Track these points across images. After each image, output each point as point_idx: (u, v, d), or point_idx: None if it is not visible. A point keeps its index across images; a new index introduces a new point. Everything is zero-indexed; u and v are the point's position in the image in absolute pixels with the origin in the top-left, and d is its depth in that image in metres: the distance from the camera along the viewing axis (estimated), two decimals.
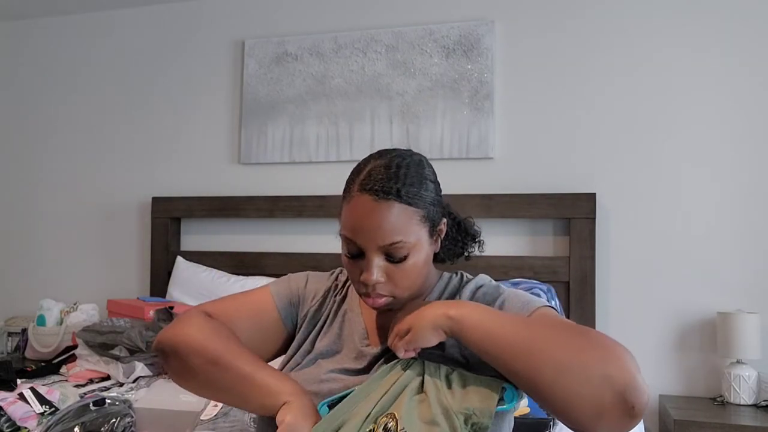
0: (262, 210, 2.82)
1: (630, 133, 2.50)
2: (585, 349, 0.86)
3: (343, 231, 1.02)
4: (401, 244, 0.98)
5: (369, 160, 1.04)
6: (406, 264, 1.00)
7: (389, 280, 1.01)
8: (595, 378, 0.83)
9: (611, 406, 0.82)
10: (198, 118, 3.04)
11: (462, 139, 2.64)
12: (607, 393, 0.82)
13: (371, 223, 0.98)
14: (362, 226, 0.99)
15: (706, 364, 2.37)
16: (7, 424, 1.66)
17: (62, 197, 3.22)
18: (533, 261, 2.47)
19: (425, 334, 0.96)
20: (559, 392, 0.85)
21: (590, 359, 0.85)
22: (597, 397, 0.83)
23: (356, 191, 1.01)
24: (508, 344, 0.90)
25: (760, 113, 2.38)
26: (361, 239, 0.99)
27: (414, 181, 1.01)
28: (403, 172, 1.01)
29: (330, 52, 2.84)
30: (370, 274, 1.00)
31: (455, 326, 0.94)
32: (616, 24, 2.54)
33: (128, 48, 3.18)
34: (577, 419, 0.85)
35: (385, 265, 1.00)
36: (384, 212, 0.98)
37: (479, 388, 0.93)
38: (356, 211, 1.00)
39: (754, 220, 2.36)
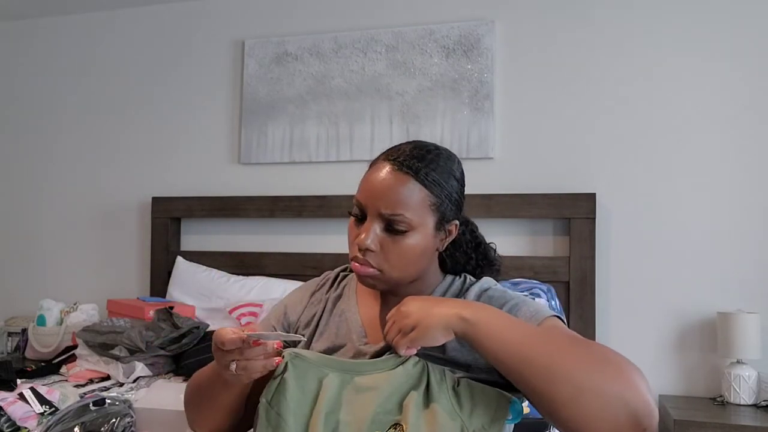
0: (262, 210, 2.82)
1: (630, 133, 2.50)
2: (604, 370, 0.84)
3: (356, 194, 1.05)
4: (402, 218, 0.99)
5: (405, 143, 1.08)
6: (403, 241, 1.00)
7: (382, 251, 1.01)
8: (613, 401, 0.82)
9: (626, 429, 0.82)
10: (198, 118, 3.04)
11: (462, 139, 2.64)
12: (622, 417, 0.82)
13: (381, 188, 1.00)
14: (373, 189, 1.01)
15: (706, 364, 2.37)
16: (7, 424, 1.66)
17: (62, 197, 3.22)
18: (533, 261, 2.47)
19: (433, 333, 0.92)
20: (576, 412, 0.83)
21: (609, 381, 0.83)
22: (613, 421, 0.82)
23: (382, 159, 1.04)
24: (527, 358, 0.86)
25: (760, 113, 2.38)
26: (367, 201, 1.01)
27: (438, 168, 1.02)
28: (430, 157, 1.03)
29: (330, 52, 2.84)
30: (365, 237, 1.00)
31: (469, 330, 0.90)
32: (616, 24, 2.54)
33: (128, 48, 3.18)
34: None
35: (382, 236, 1.01)
36: (397, 183, 0.99)
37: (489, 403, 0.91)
38: (373, 174, 1.02)
39: (754, 220, 2.36)
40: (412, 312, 0.93)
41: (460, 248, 1.14)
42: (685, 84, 2.46)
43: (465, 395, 0.92)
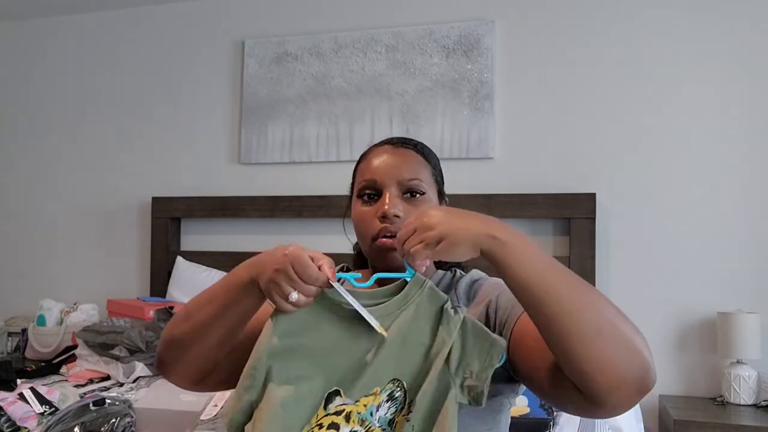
0: (262, 210, 2.82)
1: (630, 133, 2.50)
2: (625, 320, 0.82)
3: (362, 179, 1.07)
4: (419, 182, 1.05)
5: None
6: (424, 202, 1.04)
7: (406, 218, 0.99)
8: (630, 349, 0.80)
9: (633, 379, 0.79)
10: (198, 118, 3.04)
11: (462, 139, 2.64)
12: (634, 367, 0.79)
13: (392, 162, 1.06)
14: (383, 165, 1.05)
15: (706, 364, 2.37)
16: (7, 424, 1.66)
17: (62, 197, 3.22)
18: None
19: (460, 249, 0.86)
20: (592, 350, 0.79)
21: (629, 331, 0.81)
22: (624, 367, 0.79)
23: (377, 146, 1.11)
24: (554, 286, 0.82)
25: (760, 113, 2.38)
26: (382, 176, 1.05)
27: (427, 147, 1.13)
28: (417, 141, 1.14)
29: (330, 52, 2.84)
30: (391, 205, 1.02)
31: (499, 249, 0.86)
32: (617, 24, 2.54)
33: (128, 48, 3.18)
34: (596, 384, 0.80)
35: (403, 204, 1.03)
36: (403, 155, 1.07)
37: (482, 348, 0.87)
38: (375, 157, 1.08)
39: (754, 220, 2.36)
40: (437, 223, 0.86)
41: None
42: (685, 84, 2.45)
43: (461, 336, 0.89)
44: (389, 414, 0.88)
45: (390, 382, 0.89)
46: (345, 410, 0.88)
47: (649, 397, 2.37)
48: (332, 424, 0.87)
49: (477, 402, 0.86)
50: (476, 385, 0.86)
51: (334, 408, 0.89)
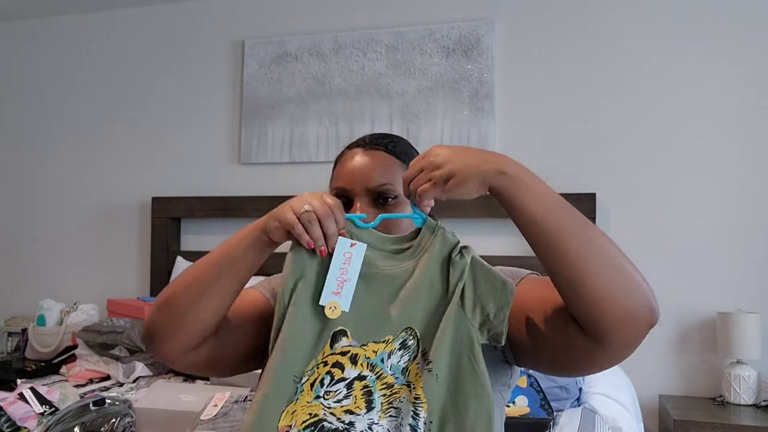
0: (262, 210, 2.78)
1: (630, 133, 2.50)
2: (624, 257, 0.86)
3: (334, 185, 1.07)
4: (389, 187, 1.02)
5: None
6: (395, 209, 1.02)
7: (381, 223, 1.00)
8: (635, 283, 0.83)
9: (640, 312, 0.82)
10: (198, 118, 3.04)
11: (462, 139, 2.64)
12: (640, 299, 0.82)
13: (361, 168, 1.04)
14: (352, 171, 1.03)
15: (706, 364, 2.37)
16: (7, 424, 1.66)
17: (62, 197, 3.22)
18: (533, 261, 2.46)
19: (470, 186, 0.86)
20: (603, 284, 0.81)
21: (630, 265, 0.85)
22: (631, 301, 0.81)
23: (348, 150, 1.09)
24: (563, 222, 0.84)
25: (760, 114, 2.38)
26: (351, 184, 1.03)
27: (399, 142, 1.10)
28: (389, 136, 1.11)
29: (330, 52, 2.84)
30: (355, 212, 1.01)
31: (509, 185, 0.87)
32: (617, 24, 2.54)
33: (128, 48, 3.18)
34: (603, 318, 0.81)
35: (373, 211, 1.01)
36: (373, 158, 1.05)
37: (494, 288, 0.89)
38: (346, 162, 1.06)
39: (753, 220, 2.36)
40: (445, 161, 0.86)
41: None
42: (686, 84, 2.46)
43: (479, 275, 0.90)
44: (402, 362, 0.88)
45: (403, 331, 0.89)
46: (351, 352, 0.89)
47: (649, 397, 2.37)
48: (337, 363, 0.88)
49: (497, 341, 0.88)
50: (495, 324, 0.88)
51: (339, 348, 0.89)
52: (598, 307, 0.81)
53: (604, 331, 0.82)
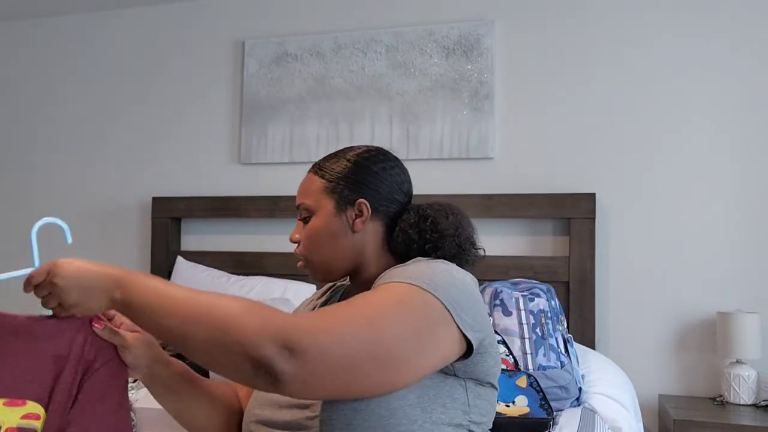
0: (263, 210, 2.82)
1: (630, 133, 2.50)
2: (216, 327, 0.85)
3: None
4: (303, 205, 1.14)
5: None
6: (308, 226, 1.13)
7: (302, 241, 1.13)
8: (230, 351, 0.84)
9: (248, 370, 0.83)
10: (198, 118, 3.04)
11: (462, 139, 2.64)
12: (240, 359, 0.83)
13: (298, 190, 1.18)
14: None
15: (705, 364, 2.37)
16: None
17: (62, 197, 3.22)
18: (533, 261, 2.47)
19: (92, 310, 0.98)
20: (216, 369, 0.87)
21: (220, 335, 0.85)
22: (237, 367, 0.84)
23: None
24: (166, 331, 0.90)
25: (760, 114, 2.38)
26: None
27: (331, 158, 1.16)
28: (333, 153, 1.18)
29: (330, 52, 2.84)
30: (293, 232, 1.16)
31: (124, 310, 0.94)
32: (617, 24, 2.54)
33: (128, 48, 3.18)
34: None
35: (301, 229, 1.14)
36: (303, 181, 1.17)
37: None
38: None
39: (753, 220, 2.36)
40: (65, 292, 0.98)
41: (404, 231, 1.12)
42: (686, 84, 2.46)
43: None
44: None
45: None
46: None
47: (648, 397, 2.37)
48: None
49: None
50: None
51: None
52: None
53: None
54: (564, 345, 1.99)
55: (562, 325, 2.05)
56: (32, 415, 0.93)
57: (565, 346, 1.99)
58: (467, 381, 1.01)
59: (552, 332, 1.97)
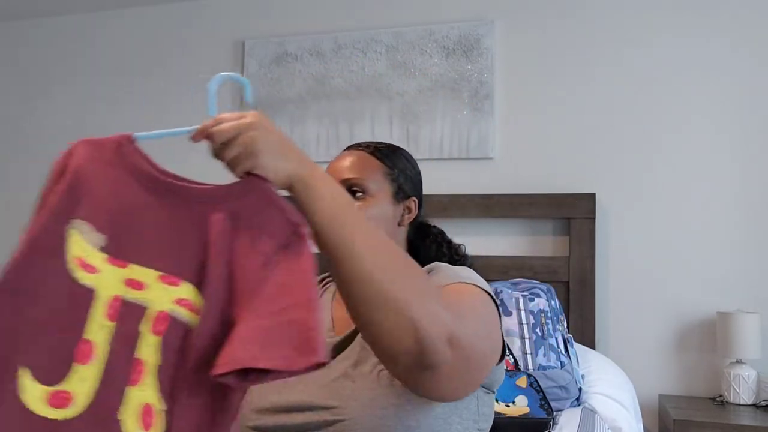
0: None
1: (630, 133, 2.50)
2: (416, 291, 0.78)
3: None
4: (358, 181, 1.07)
5: None
6: (366, 204, 1.05)
7: None
8: (404, 322, 0.75)
9: (416, 355, 0.76)
10: (198, 118, 3.04)
11: (462, 139, 2.64)
12: (405, 342, 0.75)
13: (341, 165, 1.10)
14: (334, 169, 1.08)
15: (705, 364, 2.37)
16: None
17: None
18: (533, 261, 2.47)
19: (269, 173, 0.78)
20: (369, 319, 0.77)
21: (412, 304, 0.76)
22: (391, 341, 0.76)
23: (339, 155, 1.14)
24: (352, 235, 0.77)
25: (760, 114, 2.38)
26: None
27: (385, 147, 1.14)
28: (381, 143, 1.15)
29: (330, 52, 2.84)
30: None
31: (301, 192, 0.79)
32: (617, 24, 2.54)
33: (128, 48, 3.18)
34: (376, 353, 0.79)
35: None
36: (350, 156, 1.11)
37: None
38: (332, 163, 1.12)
39: (754, 220, 2.36)
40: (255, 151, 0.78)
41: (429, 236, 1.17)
42: (686, 84, 2.46)
43: None
44: None
45: None
46: None
47: (648, 397, 2.37)
48: None
49: None
50: None
51: None
52: (364, 334, 0.78)
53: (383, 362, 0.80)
54: (564, 345, 1.99)
55: (562, 325, 2.05)
56: (186, 302, 0.72)
57: (565, 346, 1.99)
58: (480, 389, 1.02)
59: (552, 332, 1.97)
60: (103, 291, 0.71)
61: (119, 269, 0.72)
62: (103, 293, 0.71)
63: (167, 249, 0.74)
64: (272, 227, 0.74)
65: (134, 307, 0.71)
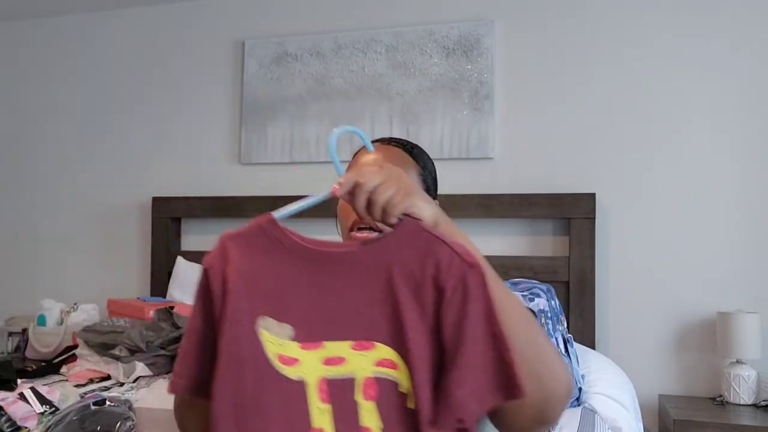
0: (263, 210, 2.77)
1: (630, 133, 2.50)
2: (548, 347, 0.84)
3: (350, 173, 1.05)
4: None
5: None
6: None
7: None
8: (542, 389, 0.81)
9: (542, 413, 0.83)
10: (198, 118, 3.04)
11: (462, 139, 2.64)
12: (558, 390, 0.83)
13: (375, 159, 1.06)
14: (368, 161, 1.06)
15: (705, 364, 2.37)
16: (7, 424, 1.66)
17: (62, 197, 3.22)
18: (533, 261, 2.47)
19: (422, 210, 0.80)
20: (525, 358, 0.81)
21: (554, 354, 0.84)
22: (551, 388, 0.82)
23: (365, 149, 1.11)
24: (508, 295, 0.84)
25: (760, 114, 2.38)
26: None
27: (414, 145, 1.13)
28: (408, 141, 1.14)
29: (330, 52, 2.84)
30: None
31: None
32: (617, 24, 2.54)
33: (128, 48, 3.18)
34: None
35: None
36: (388, 152, 1.07)
37: None
38: (363, 156, 1.09)
39: (754, 220, 2.36)
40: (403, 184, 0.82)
41: None
42: (686, 84, 2.46)
43: None
44: None
45: None
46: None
47: (648, 397, 2.37)
48: None
49: None
50: None
51: None
52: None
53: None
54: (564, 345, 1.99)
55: (562, 325, 2.05)
56: (386, 362, 0.74)
57: (565, 346, 1.99)
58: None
59: (552, 332, 1.97)
60: (309, 378, 0.73)
61: (315, 351, 0.74)
62: (311, 379, 0.73)
63: (349, 317, 0.75)
64: (446, 265, 0.75)
65: (342, 382, 0.74)
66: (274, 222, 0.80)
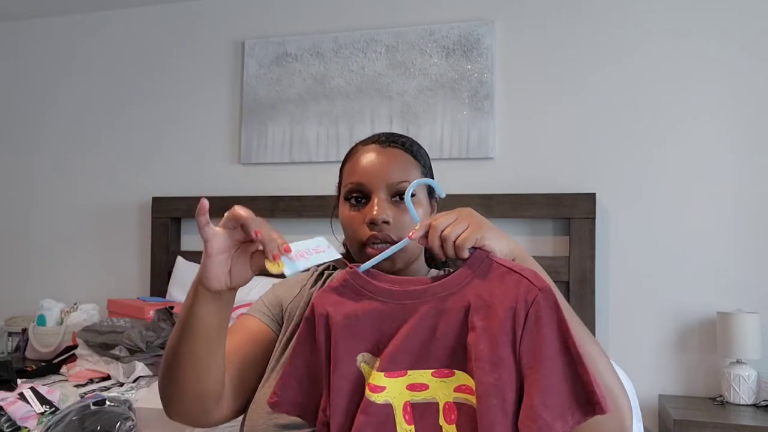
0: (263, 210, 2.82)
1: (630, 133, 2.50)
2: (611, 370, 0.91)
3: (349, 180, 1.04)
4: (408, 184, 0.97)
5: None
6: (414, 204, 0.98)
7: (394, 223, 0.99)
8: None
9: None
10: (198, 118, 3.04)
11: (462, 139, 2.64)
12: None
13: (379, 164, 1.02)
14: (370, 168, 1.02)
15: (705, 364, 2.37)
16: (7, 424, 1.66)
17: (62, 197, 3.22)
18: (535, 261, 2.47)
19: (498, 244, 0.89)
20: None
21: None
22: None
23: (360, 147, 1.07)
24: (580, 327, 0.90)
25: (760, 112, 2.38)
26: (369, 179, 1.01)
27: (413, 142, 1.10)
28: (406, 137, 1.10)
29: (330, 52, 2.84)
30: (379, 210, 0.99)
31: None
32: (617, 24, 2.54)
33: (128, 48, 3.18)
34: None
35: (392, 208, 1.00)
36: (391, 155, 1.03)
37: None
38: (362, 159, 1.04)
39: (754, 220, 2.36)
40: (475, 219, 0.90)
41: None
42: (686, 84, 2.46)
43: None
44: None
45: None
46: None
47: (648, 397, 2.37)
48: None
49: None
50: None
51: None
52: None
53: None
54: None
55: None
56: (465, 388, 0.81)
57: None
58: None
59: None
60: (395, 401, 0.82)
61: (400, 379, 0.83)
62: (396, 403, 0.82)
63: (429, 347, 0.83)
64: (518, 293, 0.81)
65: (426, 406, 0.82)
66: (357, 273, 0.90)
